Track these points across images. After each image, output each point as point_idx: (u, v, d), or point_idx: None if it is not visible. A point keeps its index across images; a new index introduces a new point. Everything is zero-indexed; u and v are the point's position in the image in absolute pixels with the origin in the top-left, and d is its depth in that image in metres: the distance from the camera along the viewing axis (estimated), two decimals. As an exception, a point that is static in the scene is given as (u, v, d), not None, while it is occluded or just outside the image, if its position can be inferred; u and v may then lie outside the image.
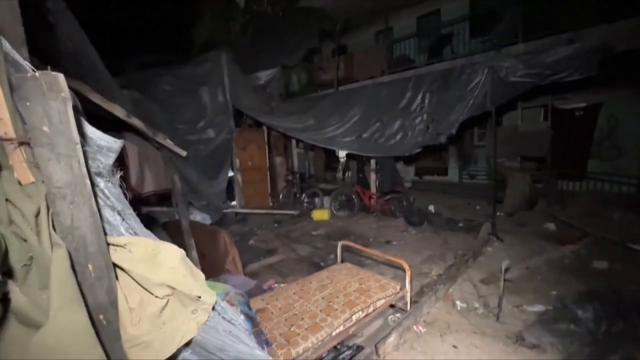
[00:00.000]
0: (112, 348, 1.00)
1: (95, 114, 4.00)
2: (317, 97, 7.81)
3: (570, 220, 5.35)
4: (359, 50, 9.10)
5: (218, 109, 6.18)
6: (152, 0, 9.25)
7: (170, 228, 4.90)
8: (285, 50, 7.47)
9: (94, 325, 0.96)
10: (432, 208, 6.63)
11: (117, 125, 4.64)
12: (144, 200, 6.13)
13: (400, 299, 2.93)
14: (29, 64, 0.93)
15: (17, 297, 0.79)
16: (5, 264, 0.84)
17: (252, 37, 7.60)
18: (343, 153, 7.40)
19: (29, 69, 0.88)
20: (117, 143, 1.10)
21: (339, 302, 2.59)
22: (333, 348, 2.43)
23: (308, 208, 7.33)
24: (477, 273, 3.83)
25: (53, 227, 0.91)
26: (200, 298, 1.12)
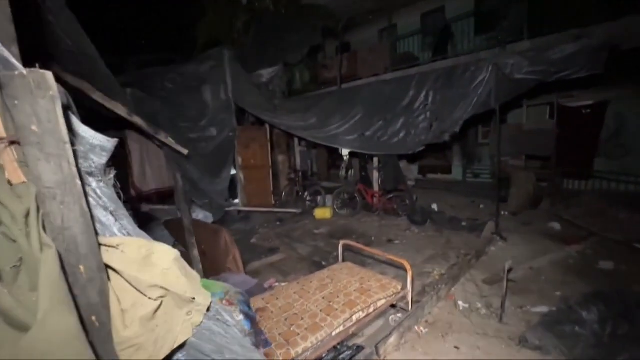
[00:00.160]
0: (104, 350, 0.99)
1: (98, 112, 4.02)
2: (320, 95, 7.78)
3: (576, 220, 5.27)
4: (363, 48, 9.04)
5: (220, 107, 6.18)
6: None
7: (172, 226, 4.91)
8: (288, 48, 7.43)
9: (86, 328, 0.95)
10: (435, 207, 6.57)
11: (119, 124, 4.67)
12: (147, 198, 6.15)
13: (402, 299, 2.90)
14: (19, 62, 0.92)
15: (4, 298, 0.78)
16: (-6, 265, 0.83)
17: (254, 34, 7.56)
18: (346, 151, 7.39)
19: (19, 67, 0.86)
20: (110, 142, 1.09)
21: (340, 301, 2.57)
22: (333, 348, 2.42)
23: (310, 206, 7.31)
24: (480, 273, 3.79)
25: (44, 228, 0.89)
26: (195, 300, 1.11)
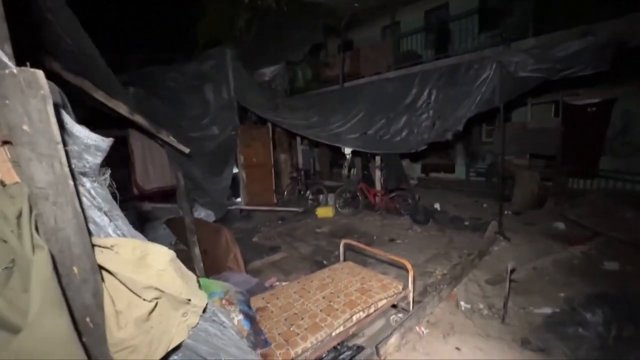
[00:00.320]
0: (98, 351, 0.98)
1: (100, 111, 4.03)
2: (322, 93, 7.74)
3: (580, 220, 5.21)
4: (366, 46, 8.98)
5: (222, 106, 6.17)
6: (156, -2, 9.27)
7: (174, 225, 4.92)
8: (290, 46, 7.40)
9: (79, 330, 0.94)
10: (437, 206, 6.54)
11: (122, 122, 4.68)
12: (149, 197, 6.17)
13: (403, 299, 2.89)
14: (12, 61, 0.90)
15: (-5, 300, 0.77)
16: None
17: (256, 33, 7.54)
18: (349, 150, 7.34)
19: (10, 66, 0.85)
20: (105, 142, 1.07)
21: (340, 301, 2.55)
22: (333, 348, 2.41)
23: (312, 205, 7.30)
24: (482, 273, 3.76)
25: (37, 229, 0.88)
26: (190, 301, 1.10)
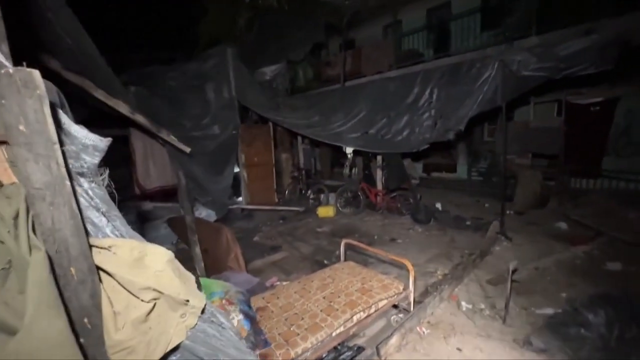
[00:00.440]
0: (97, 352, 0.98)
1: (101, 110, 4.03)
2: (323, 92, 7.73)
3: (583, 220, 5.18)
4: (367, 45, 8.95)
5: (223, 105, 6.17)
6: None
7: (175, 224, 4.93)
8: (291, 45, 7.39)
9: (77, 332, 0.94)
10: (439, 205, 6.51)
11: (123, 122, 4.68)
12: (151, 196, 6.18)
13: (404, 299, 2.87)
14: (9, 61, 0.90)
15: (-10, 302, 0.77)
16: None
17: (257, 32, 7.53)
18: (350, 149, 7.32)
19: (6, 65, 0.85)
20: (103, 142, 1.07)
21: (340, 302, 2.55)
22: (333, 348, 2.40)
23: (313, 205, 7.29)
24: (484, 273, 3.74)
25: (34, 229, 0.88)
26: (189, 302, 1.09)
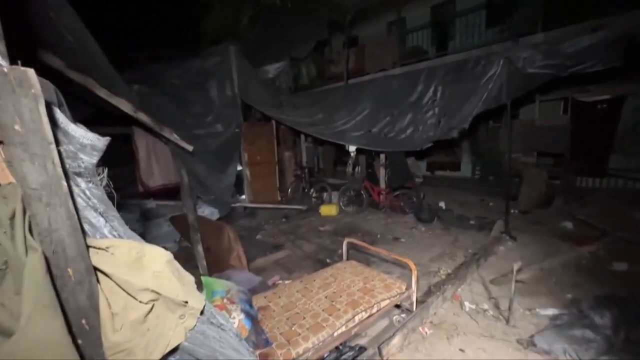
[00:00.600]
0: (95, 353, 0.97)
1: (104, 109, 4.04)
2: (326, 90, 7.70)
3: (589, 219, 5.11)
4: (371, 42, 8.89)
5: (226, 103, 6.15)
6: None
7: (178, 222, 4.95)
8: (295, 43, 7.35)
9: (75, 333, 0.93)
10: (442, 204, 6.47)
11: (127, 120, 4.69)
12: (154, 194, 6.20)
13: (406, 299, 2.86)
14: (5, 59, 0.89)
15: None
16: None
17: (260, 29, 7.50)
18: (353, 148, 7.30)
19: (1, 64, 0.84)
20: (101, 141, 1.06)
21: (342, 301, 2.53)
22: (335, 348, 2.39)
23: (316, 203, 7.28)
24: (487, 273, 3.71)
25: (30, 230, 0.87)
26: (187, 303, 1.08)
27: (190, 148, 4.09)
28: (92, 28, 2.75)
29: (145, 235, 5.06)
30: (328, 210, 6.59)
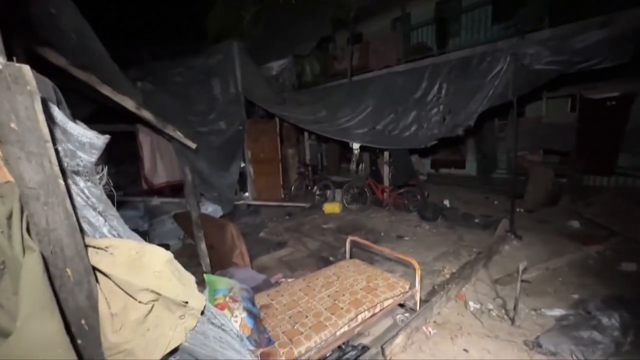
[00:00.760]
0: (94, 354, 0.96)
1: (106, 106, 4.04)
2: (330, 87, 7.65)
3: (596, 218, 5.03)
4: (375, 39, 8.80)
5: (230, 100, 6.14)
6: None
7: (182, 219, 4.96)
8: (298, 39, 7.31)
9: (74, 333, 0.92)
10: (447, 202, 6.42)
11: (131, 117, 4.70)
12: (158, 191, 6.22)
13: (410, 298, 2.83)
14: (3, 56, 0.87)
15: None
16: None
17: (264, 26, 7.46)
18: (357, 145, 7.25)
19: (-1, 61, 0.82)
20: (100, 139, 1.04)
21: (345, 300, 2.52)
22: (337, 347, 2.37)
23: (319, 201, 7.26)
24: (492, 272, 3.66)
25: (28, 230, 0.86)
26: (188, 303, 1.07)
27: (194, 145, 4.09)
28: (94, 26, 2.75)
29: (150, 232, 5.11)
30: (331, 208, 6.57)
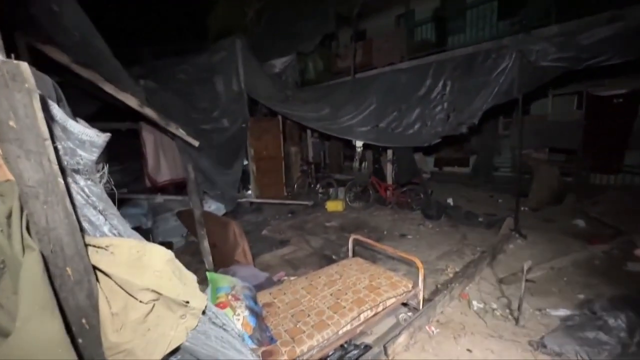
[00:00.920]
0: (94, 354, 0.96)
1: (110, 104, 4.05)
2: (333, 85, 7.61)
3: (602, 217, 4.97)
4: (379, 36, 8.73)
5: (232, 98, 6.13)
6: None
7: (185, 217, 4.97)
8: (301, 37, 7.27)
9: (74, 332, 0.91)
10: (450, 201, 6.37)
11: (134, 115, 4.70)
12: (162, 189, 6.23)
13: (413, 297, 2.82)
14: (2, 53, 0.86)
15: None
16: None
17: (266, 23, 7.43)
18: (360, 143, 7.22)
19: (-3, 58, 0.81)
20: (100, 137, 1.03)
21: (348, 299, 2.51)
22: (340, 346, 2.37)
23: (322, 199, 7.26)
24: (496, 272, 3.64)
25: (28, 229, 0.85)
26: (189, 303, 1.06)
27: (197, 143, 4.09)
28: (96, 23, 2.74)
29: (153, 230, 5.13)
30: (334, 206, 6.56)
